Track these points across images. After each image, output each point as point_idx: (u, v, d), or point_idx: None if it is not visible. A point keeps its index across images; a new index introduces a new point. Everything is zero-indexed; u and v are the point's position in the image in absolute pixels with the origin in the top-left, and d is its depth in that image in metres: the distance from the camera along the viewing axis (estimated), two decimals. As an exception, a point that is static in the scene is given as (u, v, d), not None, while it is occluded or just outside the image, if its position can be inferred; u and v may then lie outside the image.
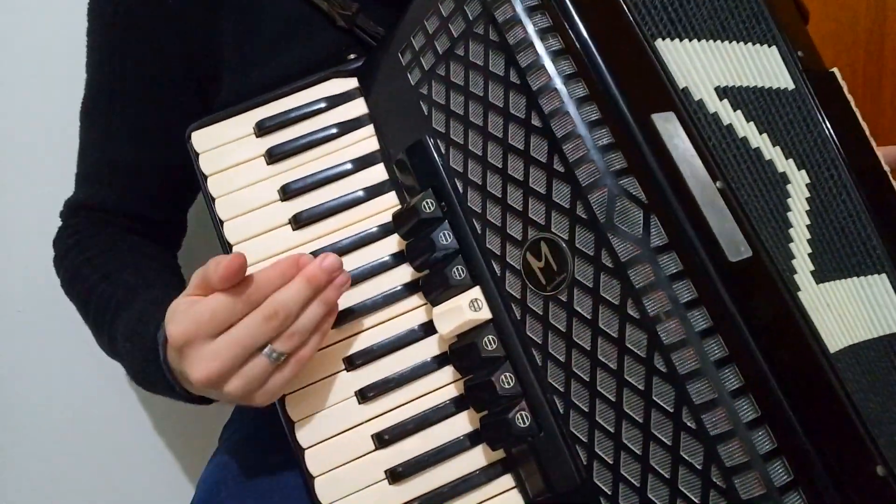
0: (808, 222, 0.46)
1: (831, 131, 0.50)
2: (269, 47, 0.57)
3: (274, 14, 0.57)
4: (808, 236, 0.45)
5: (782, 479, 0.37)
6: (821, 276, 0.44)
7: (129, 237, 0.65)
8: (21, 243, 0.83)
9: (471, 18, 0.47)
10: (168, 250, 0.70)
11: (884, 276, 0.46)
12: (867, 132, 0.52)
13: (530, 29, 0.45)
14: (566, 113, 0.43)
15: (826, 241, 0.46)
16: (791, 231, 0.45)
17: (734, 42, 0.49)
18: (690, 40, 0.48)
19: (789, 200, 0.46)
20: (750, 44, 0.50)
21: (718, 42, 0.49)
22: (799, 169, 0.47)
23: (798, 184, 0.47)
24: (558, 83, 0.43)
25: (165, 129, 0.60)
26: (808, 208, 0.46)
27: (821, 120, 0.49)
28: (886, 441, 0.40)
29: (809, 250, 0.45)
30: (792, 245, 0.44)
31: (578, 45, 0.44)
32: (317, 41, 0.57)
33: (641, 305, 0.40)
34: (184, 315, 0.46)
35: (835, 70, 0.54)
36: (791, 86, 0.51)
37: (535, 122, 0.44)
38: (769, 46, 0.51)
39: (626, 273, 0.41)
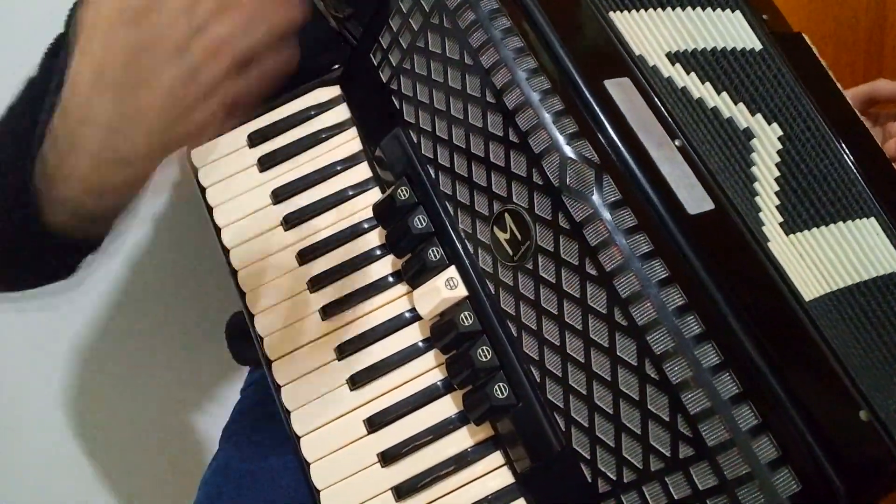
0: (777, 174, 0.45)
1: (803, 87, 0.49)
2: None
3: None
4: (777, 188, 0.44)
5: (750, 422, 0.36)
6: (791, 227, 0.43)
7: None
8: None
9: (427, 10, 0.49)
10: None
11: (872, 219, 0.45)
12: (840, 88, 0.51)
13: (480, 11, 0.46)
14: (517, 85, 0.44)
15: (801, 191, 0.45)
16: (756, 185, 0.44)
17: (694, 8, 0.50)
18: (641, 10, 0.49)
19: (753, 155, 0.45)
20: (710, 9, 0.51)
21: (670, 10, 0.49)
22: (769, 123, 0.47)
23: (767, 137, 0.46)
24: (508, 59, 0.45)
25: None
26: (777, 160, 0.46)
27: (791, 77, 0.49)
28: (871, 385, 0.39)
29: (777, 202, 0.44)
30: (758, 199, 0.44)
31: (528, 20, 0.46)
32: (312, 36, 0.60)
33: (598, 262, 0.40)
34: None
35: (801, 33, 0.54)
36: (758, 46, 0.51)
37: (490, 98, 0.45)
38: (732, 11, 0.51)
39: (582, 232, 0.41)
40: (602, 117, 0.43)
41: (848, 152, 0.48)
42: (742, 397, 0.37)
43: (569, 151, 0.42)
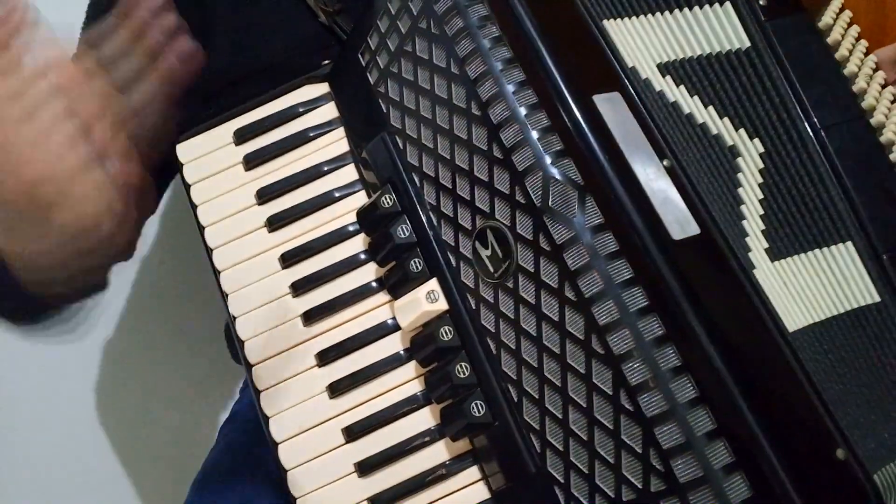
0: (761, 196, 0.44)
1: (791, 85, 0.47)
2: (257, 30, 0.59)
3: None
4: (762, 212, 0.43)
5: (723, 460, 0.36)
6: (776, 253, 0.42)
7: None
8: None
9: (415, 14, 0.48)
10: None
11: (849, 243, 0.43)
12: (851, 80, 0.48)
13: (469, 19, 0.45)
14: (502, 99, 0.43)
15: (782, 214, 0.44)
16: (742, 208, 0.43)
17: (681, 10, 0.48)
18: (634, 17, 0.47)
19: (739, 175, 0.44)
20: (697, 7, 0.48)
21: (662, 14, 0.48)
22: (751, 138, 0.45)
23: (750, 155, 0.45)
24: (495, 70, 0.43)
25: None
26: (760, 181, 0.44)
27: (777, 76, 0.47)
28: (850, 422, 0.38)
29: (763, 227, 0.43)
30: (744, 222, 0.43)
31: (518, 31, 0.44)
32: (301, 31, 0.59)
33: (577, 288, 0.39)
34: None
35: (832, 3, 0.50)
36: (746, 44, 0.48)
37: (475, 110, 0.44)
38: (721, 4, 0.49)
39: (562, 255, 0.40)
40: (589, 135, 0.42)
41: (833, 161, 0.46)
42: (717, 434, 0.36)
43: (553, 171, 0.41)
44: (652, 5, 0.49)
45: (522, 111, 0.42)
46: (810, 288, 0.42)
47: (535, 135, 0.42)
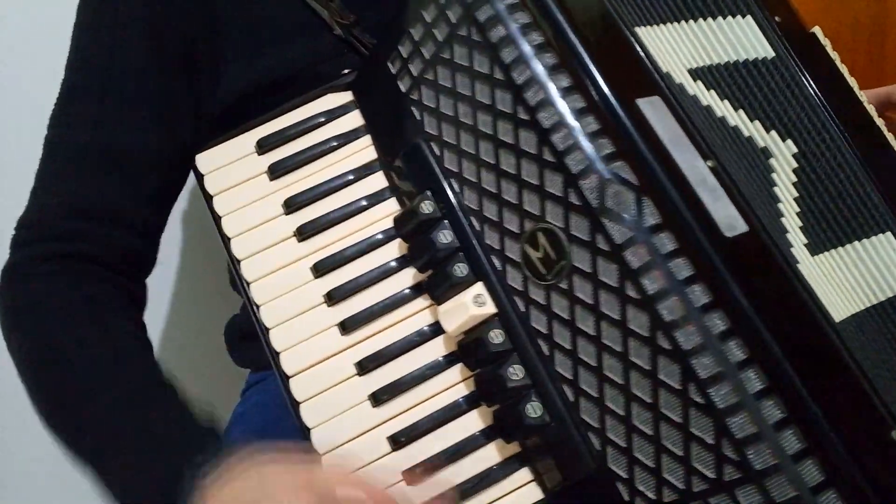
0: (796, 194, 0.46)
1: (818, 93, 0.50)
2: (269, 43, 0.58)
3: (276, 12, 0.59)
4: (798, 209, 0.45)
5: (795, 447, 0.37)
6: (815, 248, 0.44)
7: (110, 300, 0.56)
8: None
9: (454, 22, 0.48)
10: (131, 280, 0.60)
11: (888, 234, 0.46)
12: (856, 89, 0.52)
13: (512, 26, 0.46)
14: (552, 104, 0.44)
15: (818, 211, 0.46)
16: (780, 206, 0.45)
17: (705, 19, 0.50)
18: (663, 24, 0.49)
19: (773, 175, 0.46)
20: (721, 17, 0.51)
21: (685, 23, 0.50)
22: (783, 139, 0.48)
23: (783, 156, 0.47)
24: (542, 76, 0.44)
25: (159, 115, 0.58)
26: (795, 180, 0.46)
27: (806, 84, 0.49)
28: (898, 404, 0.40)
29: (800, 224, 0.45)
30: (783, 220, 0.45)
31: (560, 38, 0.45)
32: (315, 43, 0.58)
33: (640, 285, 0.40)
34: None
35: (816, 29, 0.55)
36: (771, 54, 0.51)
37: (523, 115, 0.45)
38: (743, 17, 0.52)
39: (623, 255, 0.41)
40: (637, 138, 0.43)
41: (863, 162, 0.49)
42: (786, 422, 0.37)
43: (607, 173, 0.42)
44: (677, 14, 0.51)
45: (571, 116, 0.43)
46: (849, 280, 0.44)
47: (586, 138, 0.43)
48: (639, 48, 0.47)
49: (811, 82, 0.50)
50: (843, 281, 0.44)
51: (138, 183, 0.58)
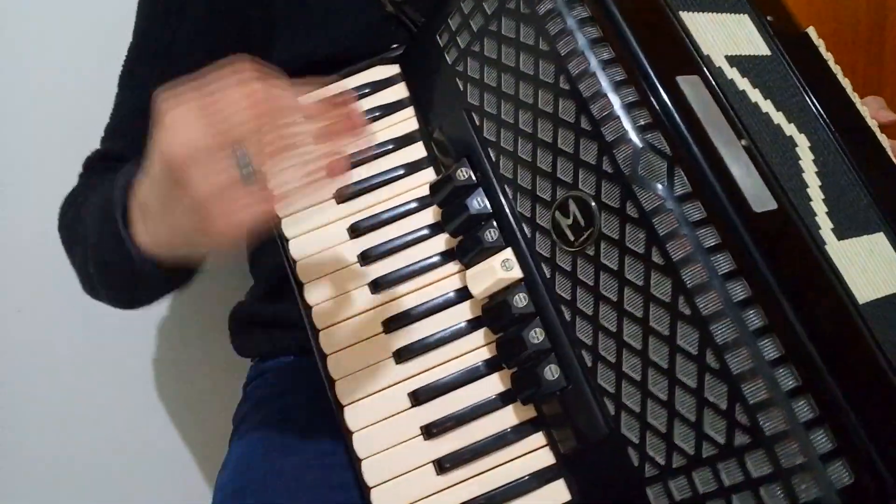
0: (820, 183, 0.46)
1: (809, 94, 0.50)
2: (320, 20, 0.61)
3: None
4: (823, 196, 0.46)
5: (807, 415, 0.37)
6: (840, 232, 0.45)
7: None
8: (21, 244, 0.83)
9: (503, -5, 0.50)
10: None
11: (881, 233, 0.46)
12: (849, 91, 0.52)
13: (559, 1, 0.47)
14: (593, 74, 0.45)
15: (835, 201, 0.46)
16: (809, 190, 0.46)
17: (722, 13, 0.51)
18: (702, 12, 0.50)
19: (801, 162, 0.47)
20: (724, 13, 0.52)
21: (715, 13, 0.51)
22: (799, 133, 0.48)
23: (803, 147, 0.48)
24: (585, 48, 0.46)
25: None
26: (816, 169, 0.47)
27: (797, 84, 0.50)
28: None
29: (826, 209, 0.45)
30: (812, 203, 0.45)
31: (605, 14, 0.46)
32: (365, 20, 0.60)
33: (665, 252, 0.41)
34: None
35: (809, 30, 0.55)
36: (767, 52, 0.52)
37: (564, 85, 0.46)
38: (740, 14, 0.53)
39: (651, 221, 0.42)
40: (674, 111, 0.44)
41: (853, 164, 0.49)
42: (800, 391, 0.38)
43: (641, 142, 0.43)
44: (706, 4, 0.52)
45: (611, 87, 0.45)
46: (870, 267, 0.45)
47: (623, 109, 0.44)
48: (681, 30, 0.48)
49: (802, 82, 0.50)
50: (865, 267, 0.44)
51: None
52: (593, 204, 0.45)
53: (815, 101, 0.51)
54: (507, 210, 0.50)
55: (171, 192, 0.40)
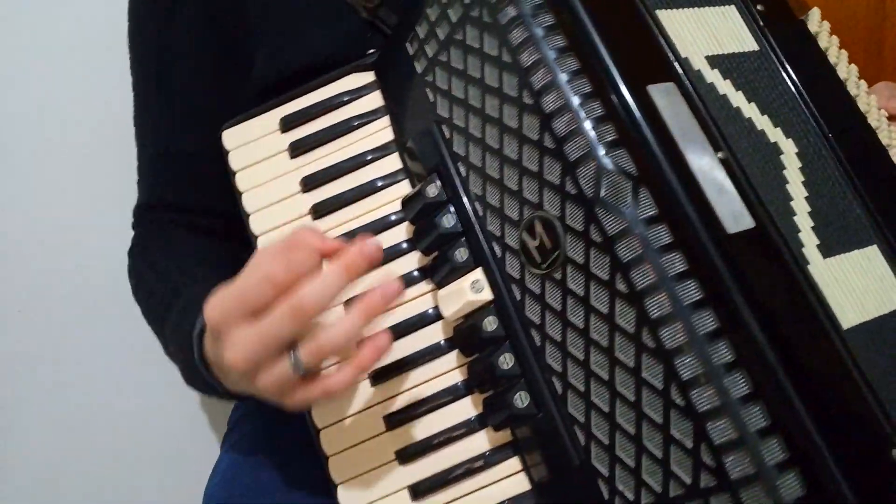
0: (806, 194, 0.43)
1: (803, 93, 0.46)
2: (296, 30, 0.59)
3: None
4: (809, 209, 0.42)
5: (777, 456, 0.35)
6: (826, 249, 0.41)
7: (191, 237, 0.66)
8: (21, 244, 0.83)
9: (467, 2, 0.48)
10: (235, 244, 0.65)
11: (874, 246, 0.42)
12: (853, 80, 0.48)
13: (522, 7, 0.44)
14: (557, 87, 0.42)
15: (824, 213, 0.43)
16: (792, 204, 0.42)
17: (703, 7, 0.47)
18: (683, 8, 0.46)
19: (785, 172, 0.43)
20: (707, 7, 0.48)
21: (696, 8, 0.47)
22: (786, 137, 0.45)
23: (789, 154, 0.44)
24: (549, 59, 0.43)
25: (213, 112, 0.61)
26: (803, 179, 0.43)
27: (788, 81, 0.46)
28: (907, 423, 0.37)
29: (812, 223, 0.42)
30: (796, 218, 0.42)
31: (572, 20, 0.44)
32: (341, 27, 0.59)
33: (629, 279, 0.39)
34: (218, 297, 0.45)
35: (811, 12, 0.50)
36: (755, 47, 0.48)
37: (527, 100, 0.44)
38: (725, 6, 0.48)
39: (614, 247, 0.39)
40: (643, 126, 0.41)
41: (846, 168, 0.45)
42: (771, 430, 0.35)
43: (606, 161, 0.41)
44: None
45: (576, 100, 0.42)
46: (859, 286, 0.41)
47: (588, 124, 0.41)
48: (657, 32, 0.45)
49: (793, 78, 0.46)
50: (852, 287, 0.41)
51: (206, 178, 0.63)
52: (558, 226, 0.43)
53: (807, 99, 0.47)
54: (478, 228, 0.48)
55: (244, 384, 0.46)
